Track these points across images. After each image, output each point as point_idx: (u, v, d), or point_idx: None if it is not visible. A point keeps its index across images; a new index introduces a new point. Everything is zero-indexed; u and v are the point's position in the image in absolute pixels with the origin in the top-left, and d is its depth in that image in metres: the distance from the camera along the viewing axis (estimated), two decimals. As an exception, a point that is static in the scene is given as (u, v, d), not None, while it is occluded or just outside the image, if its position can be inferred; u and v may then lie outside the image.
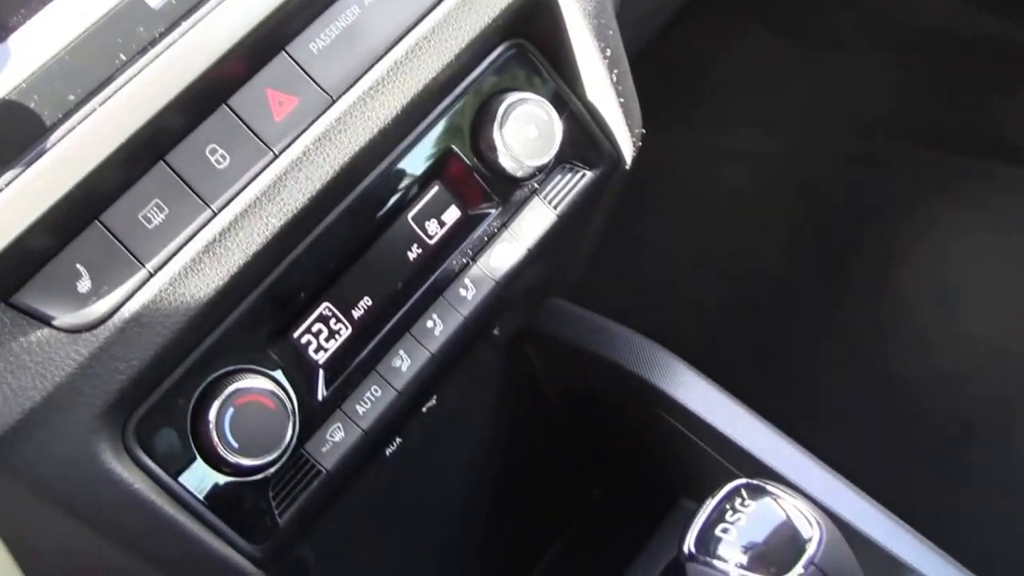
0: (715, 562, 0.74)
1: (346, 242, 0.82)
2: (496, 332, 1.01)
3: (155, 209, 0.72)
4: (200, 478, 0.76)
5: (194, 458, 0.76)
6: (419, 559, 1.13)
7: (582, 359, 1.10)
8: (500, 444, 1.17)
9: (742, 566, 0.73)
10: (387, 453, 0.96)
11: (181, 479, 0.75)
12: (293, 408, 0.79)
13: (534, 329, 1.11)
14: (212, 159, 0.74)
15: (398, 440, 0.96)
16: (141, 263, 0.71)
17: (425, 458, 1.05)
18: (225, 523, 0.77)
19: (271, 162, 0.75)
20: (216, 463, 0.76)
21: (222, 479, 0.77)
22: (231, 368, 0.77)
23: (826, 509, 0.89)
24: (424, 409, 0.98)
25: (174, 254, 0.72)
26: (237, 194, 0.75)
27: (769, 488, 0.77)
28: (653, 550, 1.10)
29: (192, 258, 0.73)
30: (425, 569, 1.14)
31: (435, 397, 0.99)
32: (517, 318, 1.06)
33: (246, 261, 0.74)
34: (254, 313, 0.78)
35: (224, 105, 0.74)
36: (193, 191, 0.73)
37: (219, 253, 0.74)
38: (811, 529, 0.74)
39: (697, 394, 1.05)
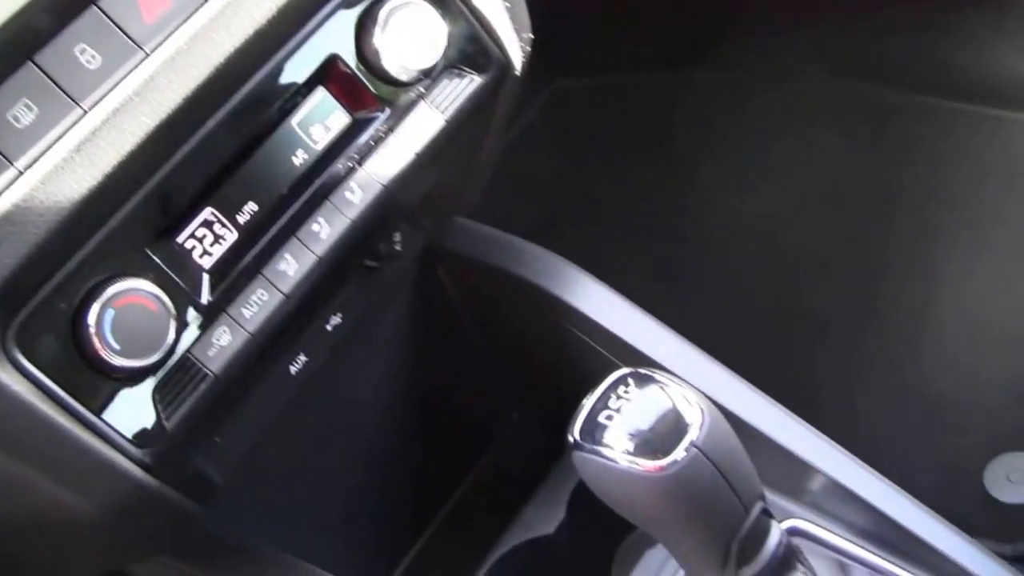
0: (602, 449, 0.74)
1: (229, 147, 0.82)
2: (398, 247, 1.01)
3: (24, 109, 0.71)
4: (83, 383, 0.76)
5: (78, 363, 0.75)
6: (334, 482, 1.13)
7: (491, 276, 1.10)
8: (413, 367, 1.17)
9: (629, 452, 0.74)
10: (292, 371, 0.96)
11: (64, 384, 0.75)
12: (175, 309, 0.79)
13: (442, 248, 1.11)
14: (82, 59, 0.74)
15: (303, 358, 0.96)
16: (10, 161, 0.70)
17: (334, 379, 1.05)
18: (110, 427, 0.76)
19: (142, 61, 0.75)
20: (99, 367, 0.76)
21: (106, 383, 0.76)
22: (113, 273, 0.76)
23: (720, 405, 0.89)
24: (329, 327, 0.98)
25: (44, 152, 0.72)
26: (107, 93, 0.74)
27: (656, 376, 0.77)
28: (566, 465, 1.10)
29: (63, 157, 0.72)
30: (341, 493, 1.14)
31: (339, 314, 0.99)
32: (420, 234, 1.06)
33: (120, 161, 0.74)
34: (136, 217, 0.77)
35: (94, 6, 0.74)
36: (62, 90, 0.72)
37: (91, 152, 0.73)
38: (695, 414, 0.74)
39: (604, 307, 1.06)
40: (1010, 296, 1.49)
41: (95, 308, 0.74)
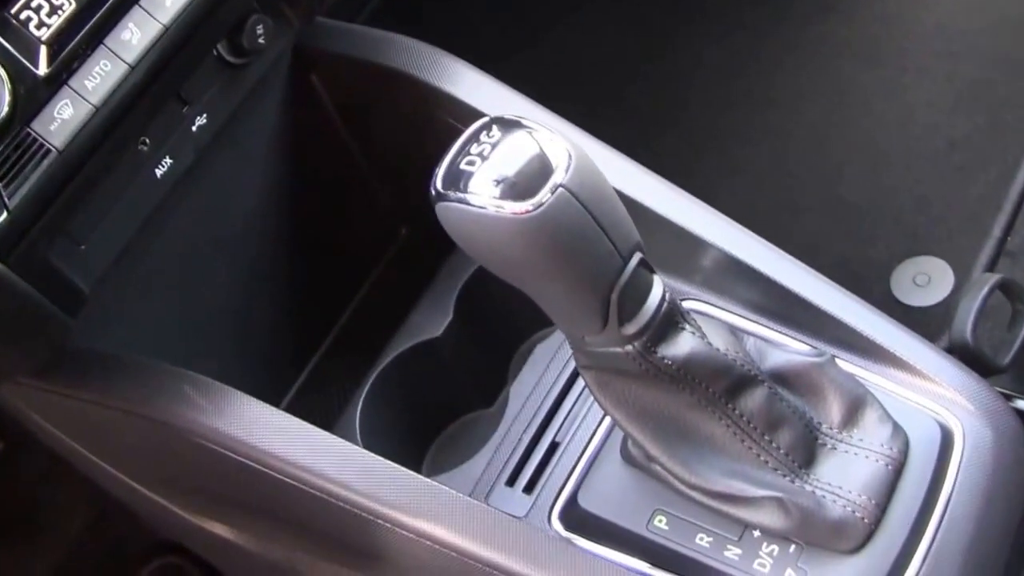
0: (467, 196, 0.69)
1: None
2: (261, 41, 0.96)
3: None
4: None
5: None
6: (221, 301, 1.09)
7: (366, 73, 1.06)
8: (292, 182, 1.13)
9: (494, 198, 0.69)
10: (157, 175, 0.93)
11: None
12: (10, 82, 0.76)
13: (314, 50, 1.07)
14: None
15: (168, 160, 0.93)
16: None
17: (209, 189, 1.02)
18: None
19: None
20: None
21: None
22: None
23: None
24: (194, 128, 0.95)
25: None
26: None
27: (522, 121, 0.72)
28: (452, 267, 1.06)
29: None
30: (229, 312, 1.10)
31: (205, 115, 0.96)
32: (285, 30, 1.01)
33: None
34: None
35: None
36: None
37: None
38: (562, 155, 0.69)
39: (482, 93, 1.01)
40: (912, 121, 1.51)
41: None
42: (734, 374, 0.79)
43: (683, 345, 0.77)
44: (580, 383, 0.95)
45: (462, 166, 0.70)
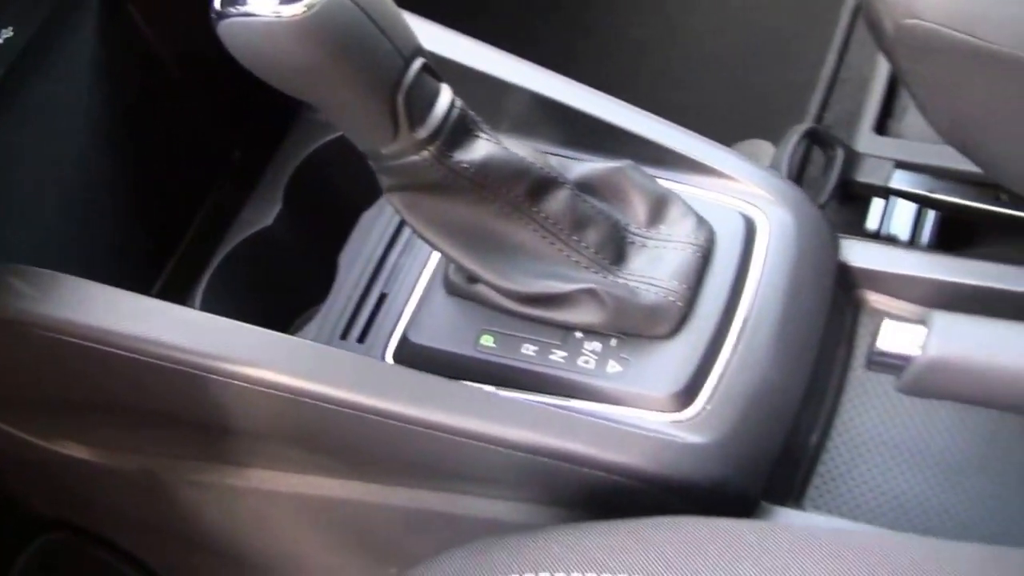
0: (245, 8, 0.71)
1: None
2: None
3: None
4: None
5: None
6: (50, 222, 1.08)
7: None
8: (113, 104, 1.13)
9: (270, 5, 0.71)
10: None
11: None
12: None
13: None
14: None
15: None
16: None
17: (19, 108, 1.00)
18: None
19: None
20: None
21: None
22: None
23: None
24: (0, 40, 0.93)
25: None
26: None
27: None
28: (279, 161, 1.07)
29: None
30: (64, 233, 1.09)
31: (11, 27, 0.95)
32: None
33: None
34: None
35: None
36: None
37: None
38: None
39: None
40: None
41: None
42: (534, 176, 0.81)
43: (479, 149, 0.79)
44: (402, 238, 0.97)
45: None
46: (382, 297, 0.94)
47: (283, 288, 1.07)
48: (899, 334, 0.75)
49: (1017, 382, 0.72)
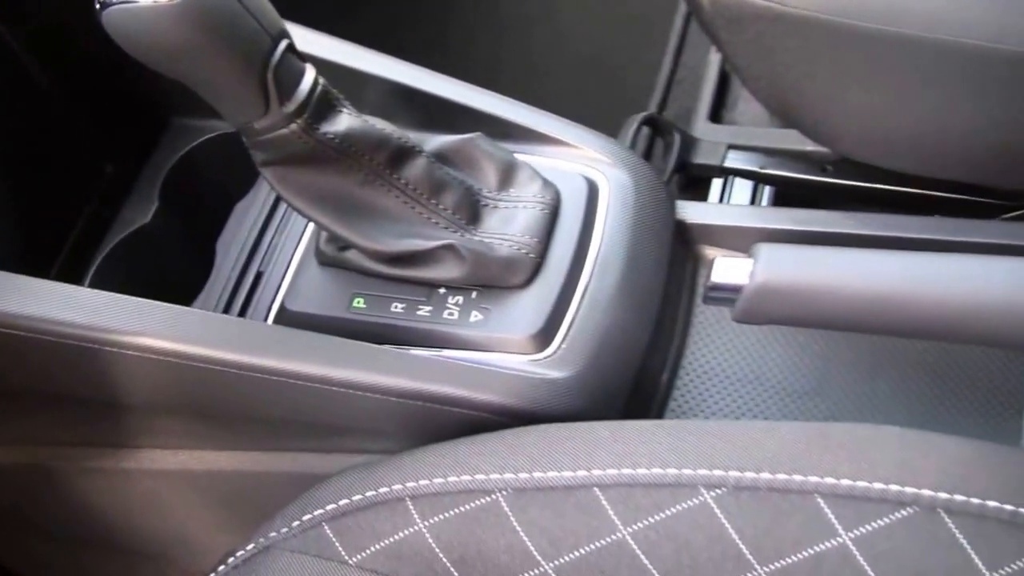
0: None
1: None
2: None
3: None
4: None
5: None
6: None
7: None
8: None
9: None
10: None
11: None
12: None
13: None
14: None
15: None
16: None
17: None
18: None
19: None
20: None
21: None
22: None
23: None
24: None
25: None
26: None
27: None
28: (155, 161, 1.13)
29: None
30: None
31: None
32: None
33: None
34: None
35: None
36: None
37: None
38: None
39: None
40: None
41: None
42: (393, 145, 0.89)
43: (342, 122, 0.87)
44: (275, 220, 1.04)
45: None
46: (259, 275, 1.01)
47: (167, 282, 1.11)
48: (729, 268, 0.84)
49: (837, 300, 0.82)
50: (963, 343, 0.87)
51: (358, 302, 0.93)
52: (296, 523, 0.79)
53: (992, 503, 0.64)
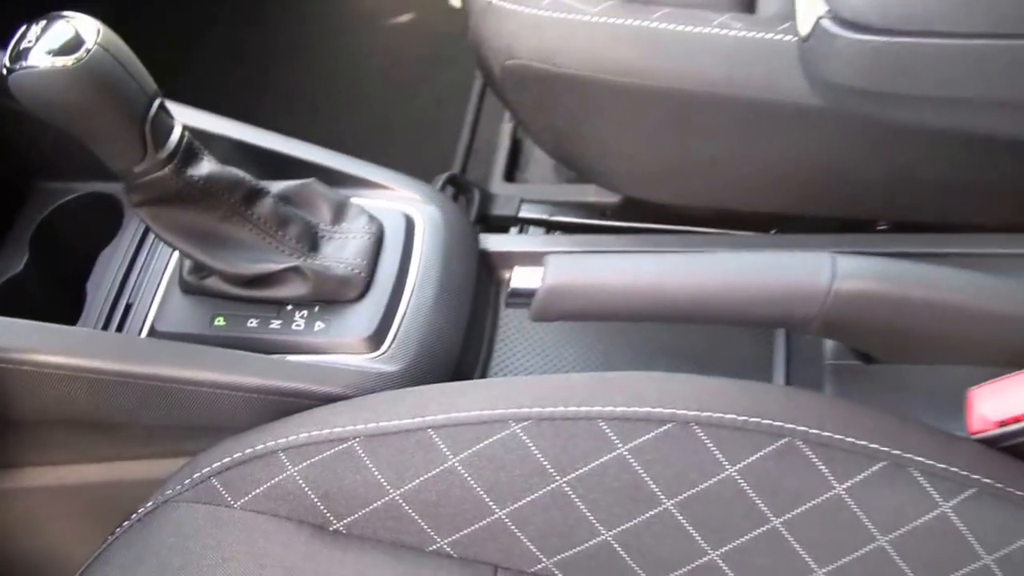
0: (30, 63, 0.93)
1: None
2: None
3: None
4: None
5: None
6: None
7: None
8: None
9: (50, 58, 0.94)
10: None
11: None
12: None
13: None
14: None
15: None
16: None
17: None
18: None
19: None
20: None
21: None
22: None
23: None
24: None
25: None
26: None
27: (62, 13, 0.97)
28: (25, 213, 1.27)
29: None
30: None
31: None
32: None
33: None
34: None
35: None
36: None
37: None
38: (93, 28, 0.95)
39: None
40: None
41: None
42: (246, 187, 1.08)
43: (204, 167, 1.06)
44: (140, 259, 1.21)
45: (22, 47, 0.94)
46: (128, 307, 1.18)
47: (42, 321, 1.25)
48: (525, 275, 1.04)
49: (612, 295, 1.00)
50: (708, 322, 1.09)
51: (219, 321, 1.12)
52: (188, 480, 0.97)
53: (729, 415, 0.87)
